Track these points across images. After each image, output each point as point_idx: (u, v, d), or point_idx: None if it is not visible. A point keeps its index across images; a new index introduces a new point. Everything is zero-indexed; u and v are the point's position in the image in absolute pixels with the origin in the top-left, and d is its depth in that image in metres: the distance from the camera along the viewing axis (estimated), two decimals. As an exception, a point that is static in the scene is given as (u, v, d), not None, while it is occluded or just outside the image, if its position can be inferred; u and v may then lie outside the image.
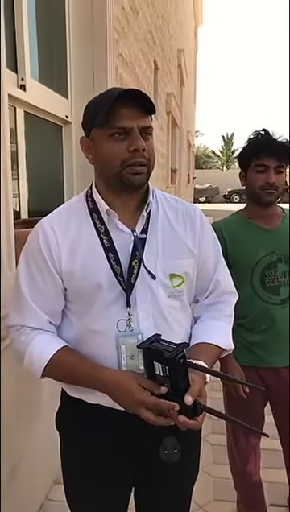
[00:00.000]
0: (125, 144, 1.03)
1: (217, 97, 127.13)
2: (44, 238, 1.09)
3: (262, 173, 1.60)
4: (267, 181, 1.59)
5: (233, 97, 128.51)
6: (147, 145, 1.05)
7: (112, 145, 1.04)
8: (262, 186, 1.61)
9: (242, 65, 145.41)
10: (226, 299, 1.26)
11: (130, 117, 1.02)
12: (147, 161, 1.06)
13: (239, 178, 1.72)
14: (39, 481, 2.07)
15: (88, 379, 1.08)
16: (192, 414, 0.97)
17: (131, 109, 1.02)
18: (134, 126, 1.03)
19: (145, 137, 1.05)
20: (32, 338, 1.11)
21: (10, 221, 1.64)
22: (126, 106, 1.02)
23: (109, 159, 1.06)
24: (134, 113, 1.02)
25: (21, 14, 2.07)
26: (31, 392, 1.91)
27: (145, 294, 1.10)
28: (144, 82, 4.64)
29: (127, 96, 1.01)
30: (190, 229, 1.17)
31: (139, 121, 1.03)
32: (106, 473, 1.18)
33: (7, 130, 1.61)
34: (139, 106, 1.02)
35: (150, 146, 1.06)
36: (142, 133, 1.04)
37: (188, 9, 12.97)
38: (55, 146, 2.75)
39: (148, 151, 1.06)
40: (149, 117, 1.06)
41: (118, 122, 1.02)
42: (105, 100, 1.03)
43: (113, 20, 2.90)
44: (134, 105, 1.02)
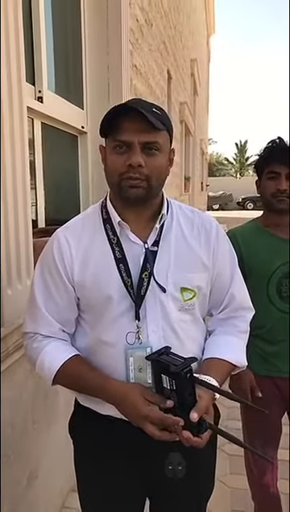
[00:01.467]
0: (124, 157, 1.04)
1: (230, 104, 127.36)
2: (58, 249, 1.11)
3: (273, 180, 1.61)
4: (278, 188, 1.60)
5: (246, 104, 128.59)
6: (150, 160, 1.04)
7: (114, 157, 1.06)
8: (273, 193, 1.61)
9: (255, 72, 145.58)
10: (242, 314, 1.23)
11: (131, 132, 1.02)
12: (144, 176, 1.04)
13: (256, 186, 1.73)
14: (56, 489, 2.08)
15: (95, 389, 1.08)
16: (197, 431, 0.96)
17: (135, 124, 1.01)
18: (134, 141, 1.02)
19: (149, 152, 1.04)
20: (44, 346, 1.13)
21: (28, 230, 1.67)
22: (131, 120, 1.02)
23: (110, 170, 1.08)
24: (138, 127, 1.01)
25: (38, 28, 2.13)
26: (48, 398, 1.92)
27: (155, 307, 1.10)
28: (158, 92, 4.69)
29: (130, 111, 1.01)
30: (205, 242, 1.15)
31: (142, 136, 1.02)
32: (119, 483, 1.17)
33: (26, 142, 1.65)
34: (145, 121, 1.00)
35: (153, 161, 1.04)
36: (145, 148, 1.03)
37: (200, 19, 13.07)
38: (72, 155, 2.80)
39: (150, 167, 1.04)
40: (157, 133, 1.04)
41: (119, 135, 1.03)
42: (110, 112, 1.04)
43: (127, 32, 2.95)
44: (137, 121, 1.00)
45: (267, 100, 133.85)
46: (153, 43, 4.30)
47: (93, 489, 1.21)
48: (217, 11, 19.25)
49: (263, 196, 1.67)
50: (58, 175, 2.62)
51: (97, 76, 2.83)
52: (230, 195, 28.67)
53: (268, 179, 1.63)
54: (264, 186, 1.65)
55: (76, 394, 1.20)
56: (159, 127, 1.02)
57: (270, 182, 1.62)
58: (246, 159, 47.13)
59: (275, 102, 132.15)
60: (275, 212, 1.65)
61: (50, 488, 1.98)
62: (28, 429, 1.73)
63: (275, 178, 1.60)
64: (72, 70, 2.73)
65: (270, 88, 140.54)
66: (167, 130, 1.08)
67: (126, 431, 1.08)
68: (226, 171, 47.96)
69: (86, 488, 1.24)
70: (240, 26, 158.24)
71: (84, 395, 1.16)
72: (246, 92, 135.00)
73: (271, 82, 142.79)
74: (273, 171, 1.61)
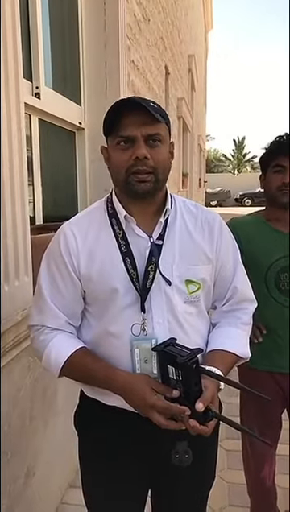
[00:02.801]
0: (129, 152, 1.05)
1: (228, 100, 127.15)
2: (65, 242, 1.13)
3: (279, 173, 1.62)
4: (283, 181, 1.60)
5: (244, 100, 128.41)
6: (154, 152, 1.06)
7: (118, 153, 1.07)
8: (278, 186, 1.62)
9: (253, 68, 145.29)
10: (245, 306, 1.25)
11: (133, 126, 1.04)
12: (151, 169, 1.06)
13: (260, 180, 1.73)
14: (54, 485, 2.08)
15: (102, 380, 1.10)
16: (203, 421, 0.97)
17: (136, 118, 1.03)
18: (137, 135, 1.04)
19: (152, 144, 1.06)
20: (51, 338, 1.14)
21: (26, 227, 1.67)
22: (131, 115, 1.03)
23: (116, 167, 1.09)
24: (139, 121, 1.03)
25: (36, 24, 2.11)
26: (46, 395, 1.93)
27: (160, 299, 1.11)
28: (155, 87, 4.67)
29: (131, 105, 1.02)
30: (208, 235, 1.18)
31: (144, 129, 1.04)
32: (122, 475, 1.19)
33: (24, 138, 1.64)
34: (145, 114, 1.02)
35: (158, 153, 1.06)
36: (148, 140, 1.05)
37: (198, 14, 13.02)
38: (69, 152, 2.79)
39: (155, 159, 1.06)
40: (158, 125, 1.06)
41: (121, 131, 1.05)
42: (111, 110, 1.05)
43: (125, 28, 2.94)
44: (139, 114, 1.02)
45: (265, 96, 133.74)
46: (151, 38, 4.28)
47: (99, 480, 1.22)
48: (214, 7, 19.19)
49: (268, 189, 1.67)
50: (55, 171, 2.61)
51: (94, 72, 2.82)
52: (228, 191, 28.66)
53: (274, 172, 1.64)
54: (270, 179, 1.66)
55: (82, 385, 1.22)
56: (159, 119, 1.04)
57: (276, 175, 1.63)
58: (243, 156, 47.09)
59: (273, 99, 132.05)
60: (279, 206, 1.66)
61: (48, 484, 1.99)
62: (26, 426, 1.74)
63: (281, 171, 1.62)
64: (69, 66, 2.71)
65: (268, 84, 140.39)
66: (165, 122, 1.10)
67: (132, 421, 1.09)
68: (224, 168, 47.91)
69: (91, 479, 1.25)
70: (238, 22, 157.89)
71: (90, 387, 1.18)
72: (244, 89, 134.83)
73: (270, 78, 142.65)
74: (279, 165, 1.62)
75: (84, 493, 1.28)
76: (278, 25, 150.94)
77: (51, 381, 1.92)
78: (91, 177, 2.85)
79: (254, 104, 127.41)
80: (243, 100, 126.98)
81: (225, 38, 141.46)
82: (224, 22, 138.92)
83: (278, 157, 1.62)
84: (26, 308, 1.57)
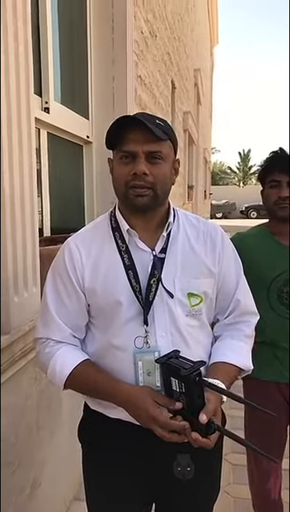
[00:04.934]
0: (130, 167, 1.08)
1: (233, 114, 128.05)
2: (69, 256, 1.15)
3: (275, 188, 1.65)
4: (280, 195, 1.63)
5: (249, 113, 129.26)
6: (154, 169, 1.08)
7: (120, 167, 1.10)
8: (275, 201, 1.65)
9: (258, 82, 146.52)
10: (247, 319, 1.26)
11: (136, 142, 1.06)
12: (149, 184, 1.07)
13: (261, 195, 1.76)
14: (59, 497, 2.07)
15: (106, 392, 1.10)
16: (205, 433, 0.97)
17: (139, 134, 1.05)
18: (138, 151, 1.06)
19: (153, 161, 1.08)
20: (56, 351, 1.15)
21: (35, 239, 1.69)
22: (135, 131, 1.06)
23: (117, 181, 1.12)
24: (142, 137, 1.05)
25: (46, 40, 2.17)
26: (51, 406, 1.93)
27: (163, 312, 1.12)
28: (162, 102, 4.74)
29: (136, 122, 1.05)
30: (210, 248, 1.19)
31: (146, 146, 1.06)
32: (126, 487, 1.19)
33: (34, 152, 1.68)
34: (149, 131, 1.04)
35: (158, 170, 1.08)
36: (149, 157, 1.07)
37: (204, 29, 13.21)
38: (77, 165, 2.83)
39: (154, 175, 1.08)
40: (161, 143, 1.08)
41: (124, 146, 1.08)
42: (116, 125, 1.08)
43: (132, 44, 3.00)
44: (142, 131, 1.04)
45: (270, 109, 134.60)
46: (157, 53, 4.36)
47: (102, 493, 1.22)
48: (220, 22, 19.46)
49: (267, 204, 1.70)
50: (63, 184, 2.65)
51: (102, 87, 2.88)
52: (234, 203, 28.71)
53: (270, 187, 1.66)
54: (267, 194, 1.69)
55: (86, 398, 1.23)
56: (161, 137, 1.06)
57: (272, 190, 1.66)
58: (249, 168, 47.25)
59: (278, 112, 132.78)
60: (279, 220, 1.68)
61: (53, 496, 1.98)
62: (32, 436, 1.74)
63: (277, 186, 1.64)
64: (77, 81, 2.77)
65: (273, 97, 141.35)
66: (170, 140, 1.12)
67: (135, 434, 1.10)
68: (229, 180, 48.07)
69: (95, 491, 1.25)
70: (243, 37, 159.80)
71: (93, 399, 1.19)
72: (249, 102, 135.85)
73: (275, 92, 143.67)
74: (274, 180, 1.65)
75: (87, 506, 1.28)
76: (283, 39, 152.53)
77: (56, 393, 1.93)
78: (98, 190, 2.88)
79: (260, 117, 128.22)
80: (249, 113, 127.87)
81: (230, 53, 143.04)
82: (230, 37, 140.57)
83: (273, 172, 1.65)
84: (34, 319, 1.58)
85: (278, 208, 1.65)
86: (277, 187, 1.64)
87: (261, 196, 1.76)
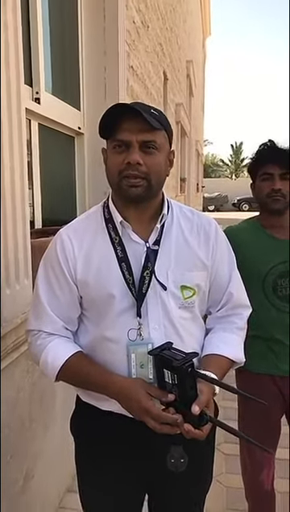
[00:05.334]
0: (123, 156, 1.07)
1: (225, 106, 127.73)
2: (62, 247, 1.14)
3: (267, 181, 1.64)
4: (272, 188, 1.62)
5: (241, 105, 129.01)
6: (148, 159, 1.06)
7: (113, 156, 1.09)
8: (268, 193, 1.64)
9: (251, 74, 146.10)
10: (239, 312, 1.26)
11: (130, 131, 1.05)
12: (143, 174, 1.06)
13: (251, 189, 1.75)
14: (53, 489, 2.08)
15: (98, 385, 1.10)
16: (198, 425, 0.98)
17: (134, 123, 1.04)
18: (132, 140, 1.05)
19: (147, 151, 1.06)
20: (48, 343, 1.15)
21: (26, 231, 1.68)
22: (130, 120, 1.04)
23: (110, 170, 1.10)
24: (137, 127, 1.04)
25: (36, 30, 2.14)
26: (44, 399, 1.93)
27: (156, 304, 1.12)
28: (154, 93, 4.71)
29: (130, 110, 1.03)
30: (204, 241, 1.18)
31: (139, 136, 1.05)
32: (119, 479, 1.19)
33: (24, 143, 1.66)
34: (144, 121, 1.03)
35: (152, 160, 1.07)
36: (143, 147, 1.06)
37: (196, 21, 13.11)
38: (68, 156, 2.81)
39: (148, 165, 1.06)
40: (155, 133, 1.06)
41: (118, 135, 1.06)
42: (110, 113, 1.06)
43: (124, 34, 2.97)
44: (137, 120, 1.03)
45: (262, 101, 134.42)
46: (149, 44, 4.32)
47: (95, 485, 1.23)
48: (212, 13, 19.31)
49: (259, 197, 1.69)
50: (55, 175, 2.62)
51: (93, 78, 2.84)
52: (226, 196, 28.73)
53: (262, 180, 1.65)
54: (259, 187, 1.68)
55: (78, 390, 1.23)
56: (156, 126, 1.05)
57: (264, 183, 1.65)
58: (241, 161, 47.29)
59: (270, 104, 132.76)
60: (272, 213, 1.68)
61: (46, 488, 1.99)
62: (25, 429, 1.74)
63: (269, 179, 1.63)
64: (69, 71, 2.74)
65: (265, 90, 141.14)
66: (165, 130, 1.10)
67: (127, 426, 1.10)
68: (221, 173, 48.08)
69: (87, 484, 1.26)
70: (236, 29, 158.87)
71: (85, 392, 1.18)
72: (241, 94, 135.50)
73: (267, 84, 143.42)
74: (266, 173, 1.64)
75: (80, 498, 1.28)
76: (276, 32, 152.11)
77: (49, 385, 1.93)
78: (90, 181, 2.86)
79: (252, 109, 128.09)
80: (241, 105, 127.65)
81: (223, 44, 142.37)
82: (222, 28, 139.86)
83: (264, 165, 1.64)
84: (26, 311, 1.57)
85: (271, 201, 1.64)
86: (269, 179, 1.63)
87: (251, 189, 1.75)
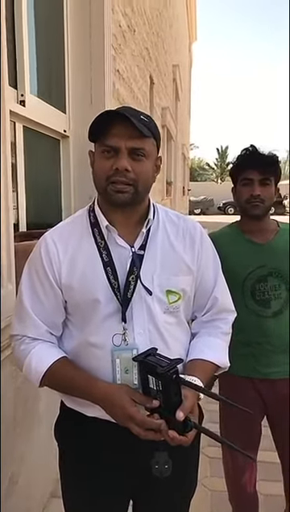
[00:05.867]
0: (111, 162, 1.07)
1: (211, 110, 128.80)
2: (46, 252, 1.13)
3: (247, 186, 1.65)
4: (251, 194, 1.63)
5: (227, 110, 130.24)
6: (136, 166, 1.07)
7: (101, 161, 1.08)
8: (247, 199, 1.65)
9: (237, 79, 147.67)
10: (224, 316, 1.27)
11: (119, 137, 1.05)
12: (131, 181, 1.06)
13: (232, 193, 1.76)
14: (37, 494, 2.06)
15: (82, 391, 1.09)
16: (182, 431, 0.98)
17: (123, 130, 1.04)
18: (121, 146, 1.05)
19: (135, 158, 1.07)
20: (32, 348, 1.14)
21: (10, 234, 1.66)
22: (119, 126, 1.04)
23: (97, 174, 1.10)
24: (126, 133, 1.04)
25: (21, 32, 2.12)
26: (28, 404, 1.91)
27: (141, 309, 1.12)
28: (140, 96, 4.72)
29: (121, 117, 1.03)
30: (189, 246, 1.19)
31: (129, 142, 1.05)
32: (103, 485, 1.18)
33: (8, 145, 1.64)
34: (134, 127, 1.03)
35: (140, 167, 1.07)
36: (132, 153, 1.06)
37: (182, 26, 13.21)
38: (54, 159, 2.79)
39: (136, 172, 1.07)
40: (145, 140, 1.06)
41: (107, 140, 1.06)
42: (100, 118, 1.06)
43: (110, 37, 2.97)
44: (127, 126, 1.03)
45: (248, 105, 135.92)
46: (136, 48, 4.33)
47: (78, 491, 1.22)
48: (198, 19, 19.49)
49: (239, 202, 1.71)
50: (40, 178, 2.61)
51: (79, 81, 2.84)
52: (211, 200, 28.91)
53: (242, 185, 1.67)
54: (239, 192, 1.69)
55: (63, 396, 1.21)
56: (146, 134, 1.05)
57: (244, 188, 1.66)
58: (227, 165, 47.52)
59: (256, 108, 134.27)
60: (250, 218, 1.69)
61: (30, 493, 1.97)
62: (9, 434, 1.72)
63: (249, 184, 1.64)
64: (54, 74, 2.72)
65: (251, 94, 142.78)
66: (154, 137, 1.11)
67: (112, 432, 1.09)
68: (207, 177, 48.37)
69: (71, 490, 1.24)
70: (221, 33, 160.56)
71: (70, 398, 1.17)
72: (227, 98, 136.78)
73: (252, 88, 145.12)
74: (246, 178, 1.65)
75: (64, 504, 1.27)
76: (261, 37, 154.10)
77: (33, 390, 1.91)
78: (75, 185, 2.85)
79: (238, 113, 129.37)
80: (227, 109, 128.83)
81: (209, 49, 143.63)
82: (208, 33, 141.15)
83: (244, 170, 1.65)
84: (10, 316, 1.55)
85: (250, 207, 1.66)
86: (249, 185, 1.64)
87: (232, 193, 1.76)
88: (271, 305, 1.69)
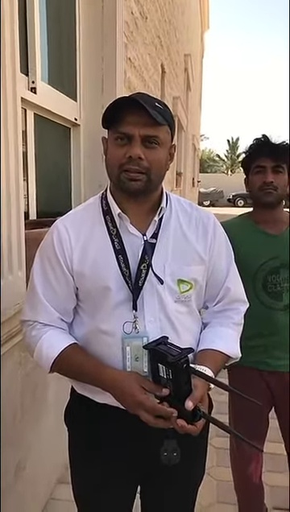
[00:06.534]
0: (125, 149, 1.05)
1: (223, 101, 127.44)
2: (58, 238, 1.13)
3: (259, 174, 1.65)
4: (264, 181, 1.63)
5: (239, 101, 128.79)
6: (150, 153, 1.06)
7: (115, 148, 1.07)
8: (260, 186, 1.64)
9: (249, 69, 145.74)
10: (236, 306, 1.26)
11: (133, 125, 1.04)
12: (144, 169, 1.06)
13: (244, 184, 1.75)
14: (44, 480, 2.09)
15: (92, 377, 1.10)
16: (191, 420, 0.98)
17: (138, 117, 1.03)
18: (135, 134, 1.04)
19: (149, 146, 1.06)
20: (43, 333, 1.14)
21: (20, 222, 1.66)
22: (134, 113, 1.03)
23: (111, 162, 1.09)
24: (140, 121, 1.03)
25: (33, 19, 2.11)
26: (37, 391, 1.93)
27: (152, 297, 1.12)
28: (151, 85, 4.67)
29: (135, 104, 1.02)
30: (202, 235, 1.18)
31: (143, 130, 1.04)
32: (111, 471, 1.19)
33: (20, 133, 1.64)
34: (147, 115, 1.01)
35: (153, 155, 1.06)
36: (145, 141, 1.05)
37: (194, 14, 13.02)
38: (64, 147, 2.78)
39: (149, 160, 1.06)
40: (159, 128, 1.05)
41: (121, 127, 1.05)
42: (114, 104, 1.05)
43: (122, 25, 2.94)
44: (140, 113, 1.02)
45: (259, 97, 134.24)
46: (147, 36, 4.28)
47: (87, 476, 1.23)
48: (211, 7, 19.21)
49: (252, 191, 1.70)
50: (50, 166, 2.60)
51: (91, 69, 2.81)
52: (221, 191, 28.74)
53: (255, 173, 1.66)
54: (252, 181, 1.69)
55: (73, 382, 1.22)
56: (160, 122, 1.04)
57: (257, 176, 1.66)
58: (237, 156, 47.15)
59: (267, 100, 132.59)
60: (264, 207, 1.68)
61: (37, 479, 1.99)
62: (17, 420, 1.74)
63: (261, 172, 1.64)
64: (66, 61, 2.71)
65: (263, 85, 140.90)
66: (168, 125, 1.09)
67: (121, 419, 1.10)
68: (217, 168, 48.03)
69: (80, 475, 1.26)
70: (234, 23, 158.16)
71: (80, 384, 1.18)
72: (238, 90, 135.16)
73: (265, 79, 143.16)
74: (259, 166, 1.65)
75: (73, 489, 1.29)
76: (275, 27, 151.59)
77: (42, 377, 1.93)
78: (86, 173, 2.84)
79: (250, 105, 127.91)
80: (238, 100, 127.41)
81: (221, 38, 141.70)
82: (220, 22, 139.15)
83: (257, 158, 1.65)
84: (20, 303, 1.56)
85: (263, 194, 1.65)
86: (261, 172, 1.64)
87: (245, 184, 1.75)
88: (282, 298, 1.68)
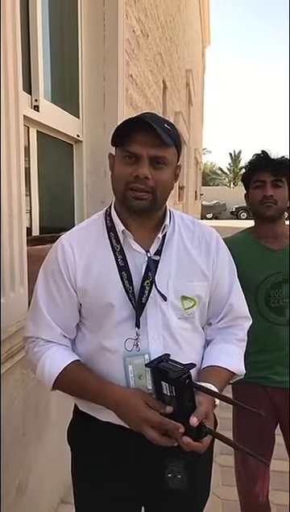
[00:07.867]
0: (132, 168, 1.06)
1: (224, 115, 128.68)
2: (62, 254, 1.13)
3: (259, 188, 1.66)
4: (264, 194, 1.64)
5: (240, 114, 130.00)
6: (156, 174, 1.06)
7: (122, 166, 1.08)
8: (260, 200, 1.65)
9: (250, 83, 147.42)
10: (240, 323, 1.25)
11: (142, 144, 1.05)
12: (150, 188, 1.06)
13: (245, 199, 1.76)
14: (46, 500, 2.05)
15: (96, 394, 1.09)
16: (197, 436, 0.96)
17: (146, 137, 1.04)
18: (143, 154, 1.05)
19: (156, 166, 1.07)
20: (46, 350, 1.14)
21: (23, 238, 1.66)
22: (143, 133, 1.04)
23: (117, 179, 1.10)
24: (149, 141, 1.04)
25: (36, 37, 2.14)
26: (39, 409, 1.91)
27: (156, 314, 1.11)
28: (153, 101, 4.73)
29: (145, 124, 1.03)
30: (205, 252, 1.18)
31: (151, 150, 1.05)
32: (115, 491, 1.17)
33: (22, 150, 1.65)
34: (155, 136, 1.03)
35: (160, 175, 1.07)
36: (153, 161, 1.06)
37: (195, 30, 13.23)
38: (67, 164, 2.80)
39: (156, 180, 1.06)
40: (167, 149, 1.06)
41: (130, 147, 1.06)
42: (125, 123, 1.06)
43: (124, 43, 2.98)
44: (149, 134, 1.03)
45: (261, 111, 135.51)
46: (149, 53, 4.34)
47: (91, 496, 1.21)
48: (212, 23, 19.53)
49: (252, 205, 1.71)
50: (53, 183, 2.62)
51: (93, 86, 2.85)
52: (224, 204, 28.86)
53: (255, 188, 1.67)
54: (252, 195, 1.69)
55: (76, 399, 1.21)
56: (168, 143, 1.05)
57: (257, 190, 1.67)
58: (239, 169, 47.40)
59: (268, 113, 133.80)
60: (264, 221, 1.68)
61: (40, 499, 1.96)
62: (18, 439, 1.71)
63: (261, 186, 1.65)
64: (68, 79, 2.74)
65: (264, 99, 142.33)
66: (176, 146, 1.10)
67: (125, 437, 1.08)
68: (220, 181, 48.26)
69: (83, 495, 1.23)
70: (235, 38, 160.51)
71: (84, 402, 1.17)
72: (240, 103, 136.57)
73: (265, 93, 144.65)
74: (259, 180, 1.66)
75: (76, 509, 1.26)
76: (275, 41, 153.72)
77: (43, 395, 1.90)
78: (88, 189, 2.86)
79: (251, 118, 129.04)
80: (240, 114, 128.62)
81: (222, 53, 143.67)
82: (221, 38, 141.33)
83: (257, 173, 1.66)
84: (21, 320, 1.56)
85: (263, 208, 1.65)
86: (261, 187, 1.65)
87: (245, 199, 1.76)
88: (285, 313, 1.66)
